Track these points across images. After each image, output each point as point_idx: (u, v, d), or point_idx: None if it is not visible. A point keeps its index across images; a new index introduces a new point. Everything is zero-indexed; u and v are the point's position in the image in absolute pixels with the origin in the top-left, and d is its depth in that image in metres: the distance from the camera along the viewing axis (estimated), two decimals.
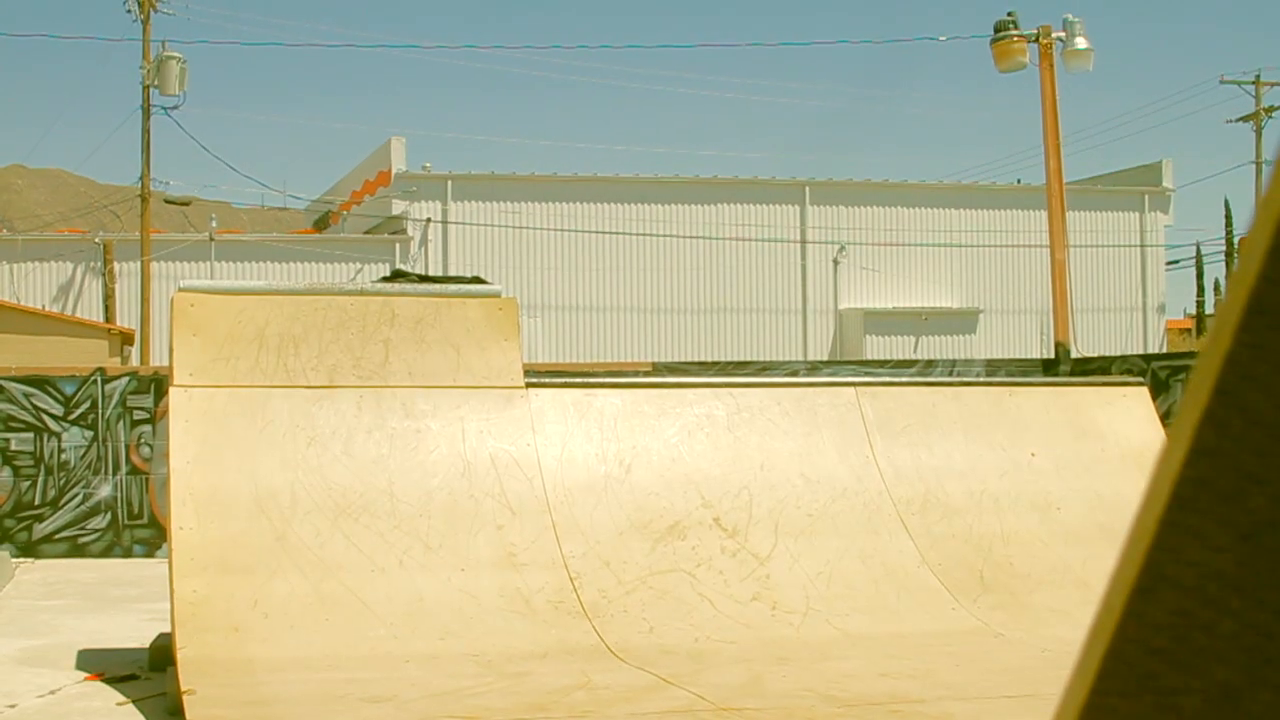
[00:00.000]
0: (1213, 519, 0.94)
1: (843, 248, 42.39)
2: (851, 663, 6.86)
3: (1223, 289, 60.95)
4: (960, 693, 6.29)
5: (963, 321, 45.71)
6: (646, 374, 16.99)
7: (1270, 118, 51.18)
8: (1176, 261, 54.44)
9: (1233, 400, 0.94)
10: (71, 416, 15.81)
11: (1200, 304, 58.64)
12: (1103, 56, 23.81)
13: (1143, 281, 49.66)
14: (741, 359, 35.81)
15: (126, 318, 40.88)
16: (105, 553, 15.72)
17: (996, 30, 23.37)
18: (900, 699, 6.11)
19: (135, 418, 15.92)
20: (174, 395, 7.67)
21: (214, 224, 44.07)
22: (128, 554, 15.75)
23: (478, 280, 8.85)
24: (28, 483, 15.71)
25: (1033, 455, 8.96)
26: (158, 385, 15.72)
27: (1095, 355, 25.28)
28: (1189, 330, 57.14)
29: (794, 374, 17.62)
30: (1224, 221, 58.31)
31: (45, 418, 15.75)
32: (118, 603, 11.35)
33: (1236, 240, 55.53)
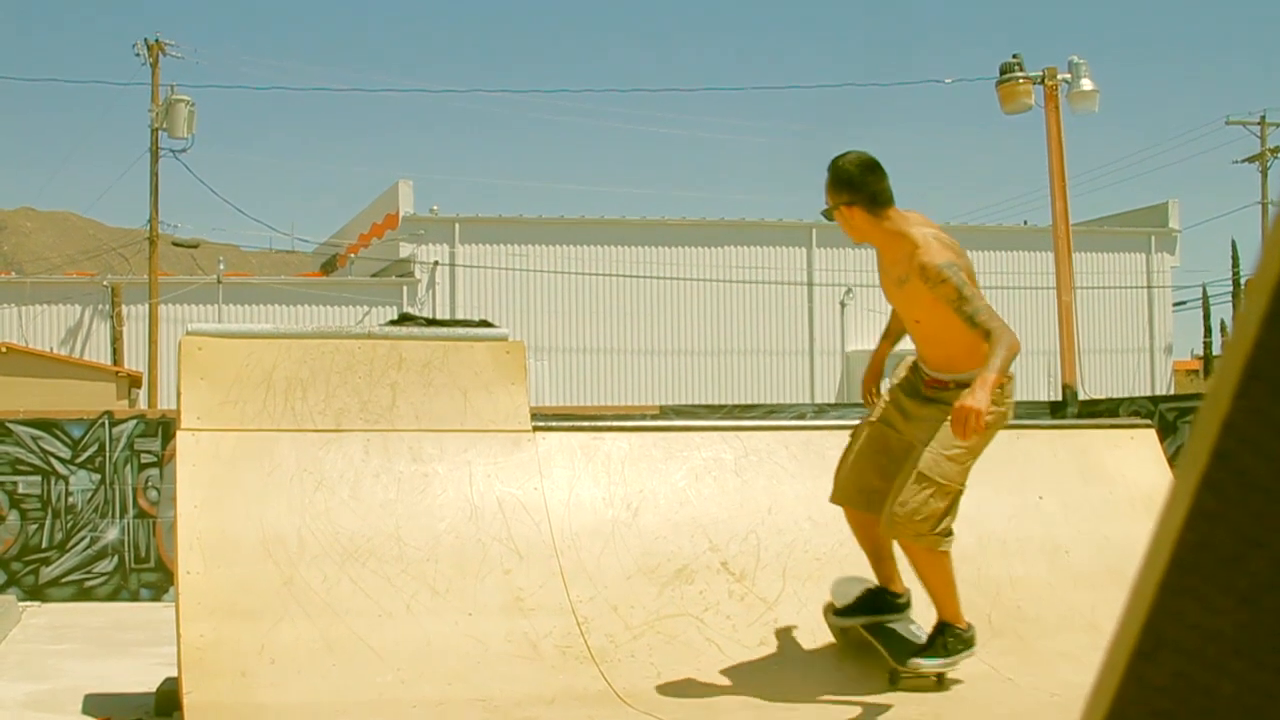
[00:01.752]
0: (1213, 582, 0.94)
1: (849, 290, 42.43)
2: (860, 708, 6.84)
3: (1229, 330, 60.90)
4: None
5: None
6: (654, 417, 17.00)
7: (1276, 158, 51.21)
8: (1184, 302, 54.42)
9: (1231, 464, 0.94)
10: (79, 459, 15.83)
11: (1207, 345, 58.63)
12: (1108, 97, 23.92)
13: (1150, 323, 49.67)
14: (749, 402, 35.79)
15: (134, 360, 40.95)
16: (112, 596, 15.72)
17: (1002, 72, 23.44)
18: None
19: (143, 461, 15.94)
20: (181, 439, 7.68)
21: (222, 266, 44.19)
22: (135, 598, 15.75)
23: (485, 324, 8.85)
24: (35, 526, 15.73)
25: (1040, 498, 8.94)
26: (165, 428, 15.74)
27: (1103, 397, 25.26)
28: (1196, 371, 57.10)
29: (801, 417, 17.64)
30: (1230, 262, 58.30)
31: (52, 461, 15.77)
32: (124, 647, 11.33)
33: (1243, 281, 55.61)
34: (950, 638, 7.17)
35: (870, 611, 7.37)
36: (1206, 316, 58.97)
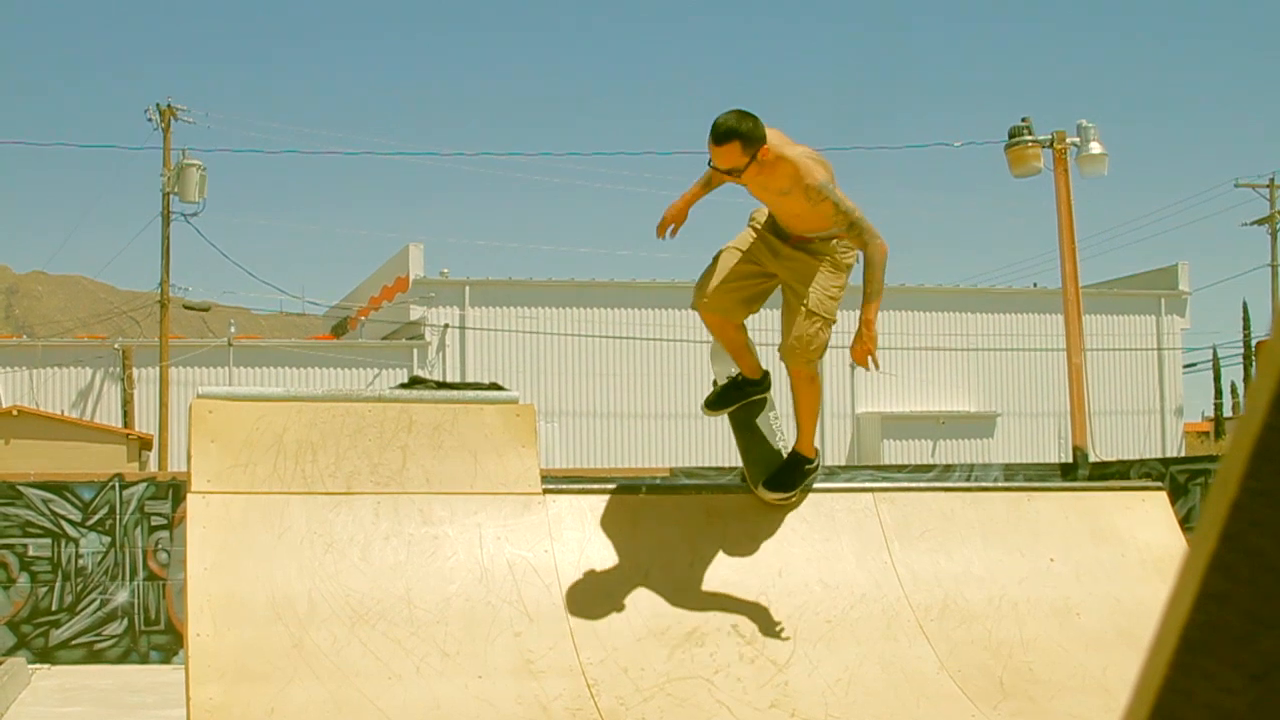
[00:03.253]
0: (1224, 662, 0.95)
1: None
2: None
3: (1240, 392, 60.87)
4: None
5: (980, 425, 45.66)
6: (664, 480, 16.99)
7: None
8: (1194, 364, 54.46)
9: (1240, 545, 0.95)
10: (89, 522, 15.84)
11: (1218, 407, 58.56)
12: (1117, 160, 23.99)
13: (1160, 384, 49.64)
14: None
15: (145, 423, 41.02)
16: (122, 659, 15.69)
17: (1011, 136, 23.51)
18: None
19: (153, 523, 15.95)
20: (191, 502, 7.69)
21: (233, 329, 44.33)
22: (144, 660, 15.72)
23: (495, 386, 8.88)
24: (45, 588, 15.73)
25: (1052, 560, 8.93)
26: (175, 491, 15.77)
27: (1114, 459, 25.22)
28: (1207, 433, 56.98)
29: None
30: (1241, 324, 58.29)
31: (63, 523, 15.79)
32: (134, 710, 11.31)
33: (1254, 343, 55.56)
34: (799, 473, 8.33)
35: (738, 395, 8.66)
36: (1217, 378, 58.94)
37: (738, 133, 7.51)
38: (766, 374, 8.77)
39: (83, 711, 11.25)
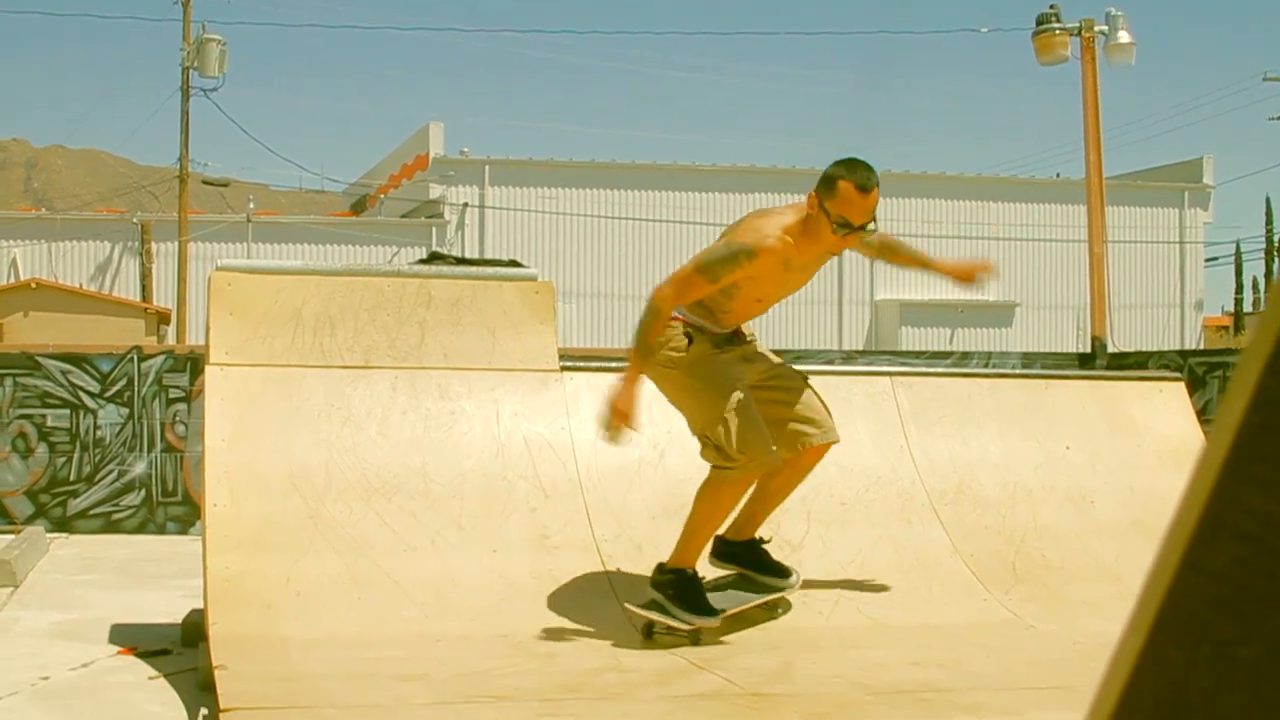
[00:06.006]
0: (1276, 466, 0.93)
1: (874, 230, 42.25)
2: (882, 651, 6.85)
3: (1261, 287, 60.61)
4: (991, 683, 6.27)
5: (999, 315, 45.54)
6: None
7: None
8: (1215, 259, 54.16)
9: None
10: (107, 394, 15.88)
11: (1239, 301, 58.31)
12: (1144, 52, 23.70)
13: (1181, 278, 49.39)
14: (777, 348, 35.70)
15: (163, 298, 41.05)
16: (139, 529, 15.80)
17: (1038, 23, 23.25)
18: (930, 688, 6.10)
19: (171, 396, 15.99)
20: (210, 373, 7.70)
21: (251, 205, 44.19)
22: (161, 531, 15.83)
23: (514, 263, 8.85)
24: (63, 459, 15.80)
25: (1068, 449, 8.93)
26: (193, 364, 15.79)
27: (1132, 350, 25.16)
28: (1227, 328, 56.78)
29: (830, 363, 17.58)
30: (1264, 219, 57.89)
31: (81, 395, 15.83)
32: (151, 579, 11.40)
33: (1277, 238, 55.24)
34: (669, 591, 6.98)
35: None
36: (1239, 273, 58.65)
37: (876, 182, 6.60)
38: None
39: (101, 580, 11.34)
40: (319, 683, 5.88)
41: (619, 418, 6.54)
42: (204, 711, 5.59)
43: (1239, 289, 58.61)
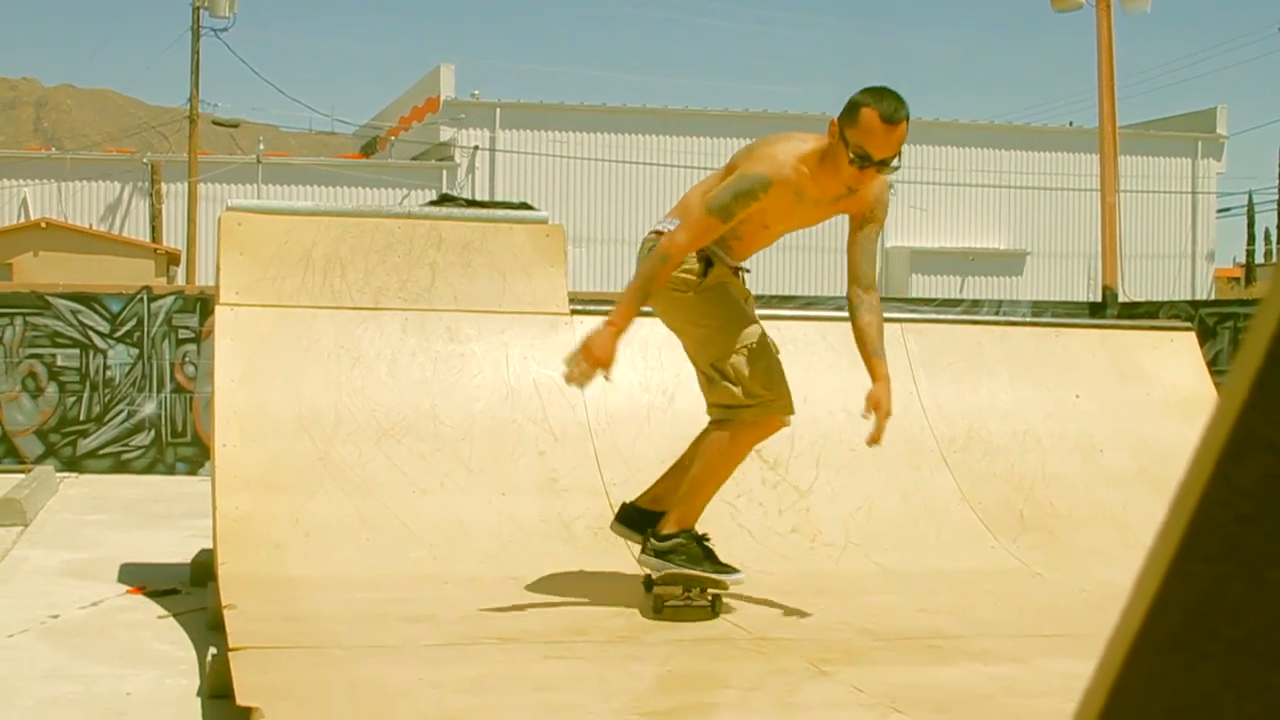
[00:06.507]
0: None
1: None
2: (889, 597, 6.86)
3: (1274, 239, 60.48)
4: (998, 630, 6.28)
5: (1009, 263, 45.47)
6: None
7: None
8: (1228, 209, 54.12)
9: None
10: (117, 334, 15.91)
11: (1250, 253, 58.17)
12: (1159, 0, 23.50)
13: (1193, 228, 49.28)
14: (786, 294, 35.71)
15: (173, 238, 41.04)
16: (148, 469, 15.85)
17: None
18: (937, 634, 6.11)
19: (180, 336, 16.01)
20: (220, 313, 7.69)
21: (261, 146, 44.14)
22: (170, 471, 15.88)
23: (525, 206, 8.83)
24: (73, 399, 15.84)
25: (1077, 397, 8.93)
26: (203, 305, 15.80)
27: (1142, 300, 25.11)
28: (1238, 279, 56.66)
29: (839, 309, 17.53)
30: (1278, 170, 57.67)
31: (91, 334, 15.85)
32: (160, 519, 11.43)
33: None
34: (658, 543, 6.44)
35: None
36: (1250, 224, 58.49)
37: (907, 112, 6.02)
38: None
39: (110, 519, 11.38)
40: (327, 623, 5.90)
41: (594, 364, 5.81)
42: (213, 650, 5.60)
43: (1250, 240, 58.47)
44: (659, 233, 6.22)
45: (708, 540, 6.33)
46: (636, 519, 6.55)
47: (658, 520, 6.38)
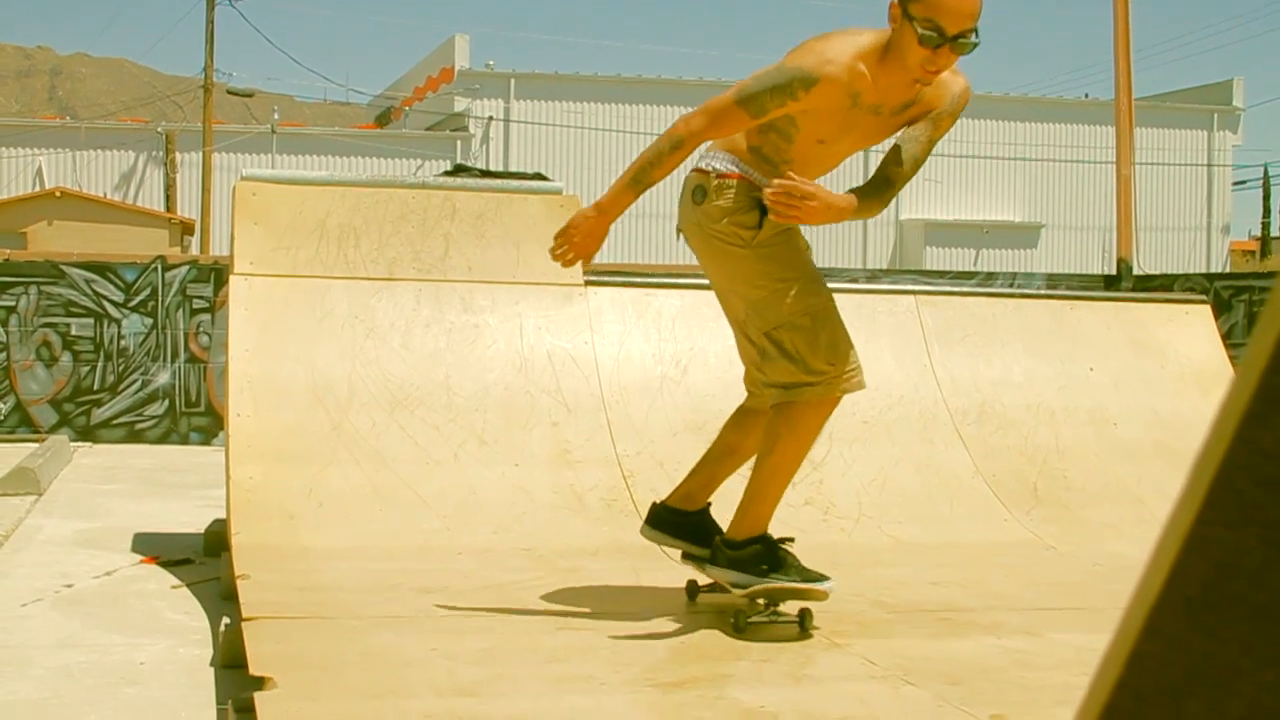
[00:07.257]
0: None
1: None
2: (902, 570, 6.86)
3: None
4: (1010, 603, 6.28)
5: (1024, 236, 45.38)
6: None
7: None
8: (1244, 182, 53.94)
9: None
10: (131, 303, 15.93)
11: (1266, 225, 57.94)
12: None
13: (1208, 201, 49.18)
14: None
15: (187, 208, 41.07)
16: (162, 439, 15.89)
17: None
18: (950, 607, 6.11)
19: (194, 306, 16.03)
20: (234, 283, 7.69)
21: (276, 116, 44.10)
22: (184, 441, 15.91)
23: (539, 177, 8.81)
24: (87, 368, 15.87)
25: (1091, 370, 8.91)
26: (217, 275, 15.82)
27: (1158, 273, 25.04)
28: (1253, 252, 56.48)
29: (854, 281, 17.53)
30: None
31: (105, 304, 15.88)
32: (173, 488, 11.46)
33: None
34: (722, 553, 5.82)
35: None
36: (1266, 197, 58.22)
37: None
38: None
39: (124, 489, 11.40)
40: (340, 593, 5.91)
41: (574, 249, 5.31)
42: (226, 620, 5.61)
43: (1266, 213, 58.21)
44: (702, 171, 5.47)
45: (790, 543, 5.64)
46: (670, 521, 5.88)
47: (692, 520, 5.85)
